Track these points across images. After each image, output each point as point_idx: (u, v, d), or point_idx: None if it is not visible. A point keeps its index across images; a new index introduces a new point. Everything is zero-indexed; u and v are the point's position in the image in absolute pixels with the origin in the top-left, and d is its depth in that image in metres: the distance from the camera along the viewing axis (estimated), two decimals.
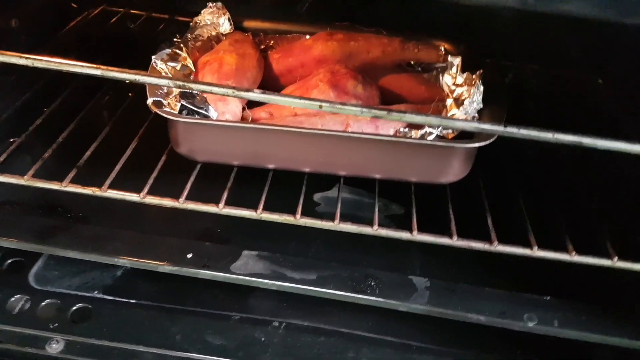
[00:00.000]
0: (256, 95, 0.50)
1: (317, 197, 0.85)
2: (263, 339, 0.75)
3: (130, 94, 0.92)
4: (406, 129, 0.70)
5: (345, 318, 0.78)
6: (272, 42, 0.92)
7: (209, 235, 0.75)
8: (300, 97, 0.50)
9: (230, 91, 0.50)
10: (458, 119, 0.60)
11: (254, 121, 0.71)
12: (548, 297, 0.68)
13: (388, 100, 0.78)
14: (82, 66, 0.51)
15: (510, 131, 0.48)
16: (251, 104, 0.75)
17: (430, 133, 0.69)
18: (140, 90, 0.69)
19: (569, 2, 0.48)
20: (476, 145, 0.61)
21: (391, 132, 0.69)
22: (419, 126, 0.70)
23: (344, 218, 0.67)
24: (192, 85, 0.50)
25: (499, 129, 0.48)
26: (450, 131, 0.69)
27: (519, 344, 0.75)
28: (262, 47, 0.90)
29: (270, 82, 0.82)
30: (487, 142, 0.60)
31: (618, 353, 0.71)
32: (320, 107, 0.50)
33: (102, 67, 0.50)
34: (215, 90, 0.51)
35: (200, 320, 0.76)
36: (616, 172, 0.87)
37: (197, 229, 0.77)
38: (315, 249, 0.77)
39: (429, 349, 0.75)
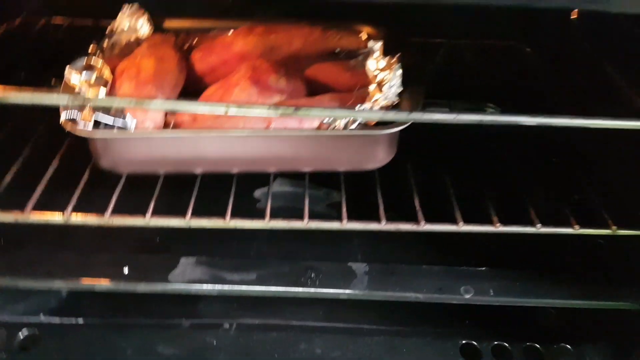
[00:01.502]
0: (159, 104, 0.49)
1: (257, 193, 0.85)
2: (215, 343, 0.75)
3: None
4: (330, 119, 0.70)
5: (295, 311, 0.79)
6: (196, 40, 0.89)
7: (147, 246, 0.74)
8: (205, 103, 0.50)
9: (132, 102, 0.49)
10: (363, 110, 0.60)
11: (176, 126, 0.70)
12: (484, 268, 0.71)
13: (315, 90, 0.78)
14: None
15: (414, 117, 0.49)
16: None
17: (354, 121, 0.69)
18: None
19: None
20: (392, 130, 0.61)
21: (316, 123, 0.69)
22: None
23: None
24: (93, 103, 0.49)
25: (402, 116, 0.48)
26: None
27: (466, 315, 0.77)
28: (186, 46, 0.88)
29: (195, 83, 0.80)
30: (404, 127, 0.61)
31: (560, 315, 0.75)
32: (226, 112, 0.49)
33: None
34: (117, 103, 0.49)
35: (150, 332, 0.76)
36: (539, 144, 0.89)
37: (134, 239, 0.76)
38: (256, 248, 0.77)
39: (380, 330, 0.77)
